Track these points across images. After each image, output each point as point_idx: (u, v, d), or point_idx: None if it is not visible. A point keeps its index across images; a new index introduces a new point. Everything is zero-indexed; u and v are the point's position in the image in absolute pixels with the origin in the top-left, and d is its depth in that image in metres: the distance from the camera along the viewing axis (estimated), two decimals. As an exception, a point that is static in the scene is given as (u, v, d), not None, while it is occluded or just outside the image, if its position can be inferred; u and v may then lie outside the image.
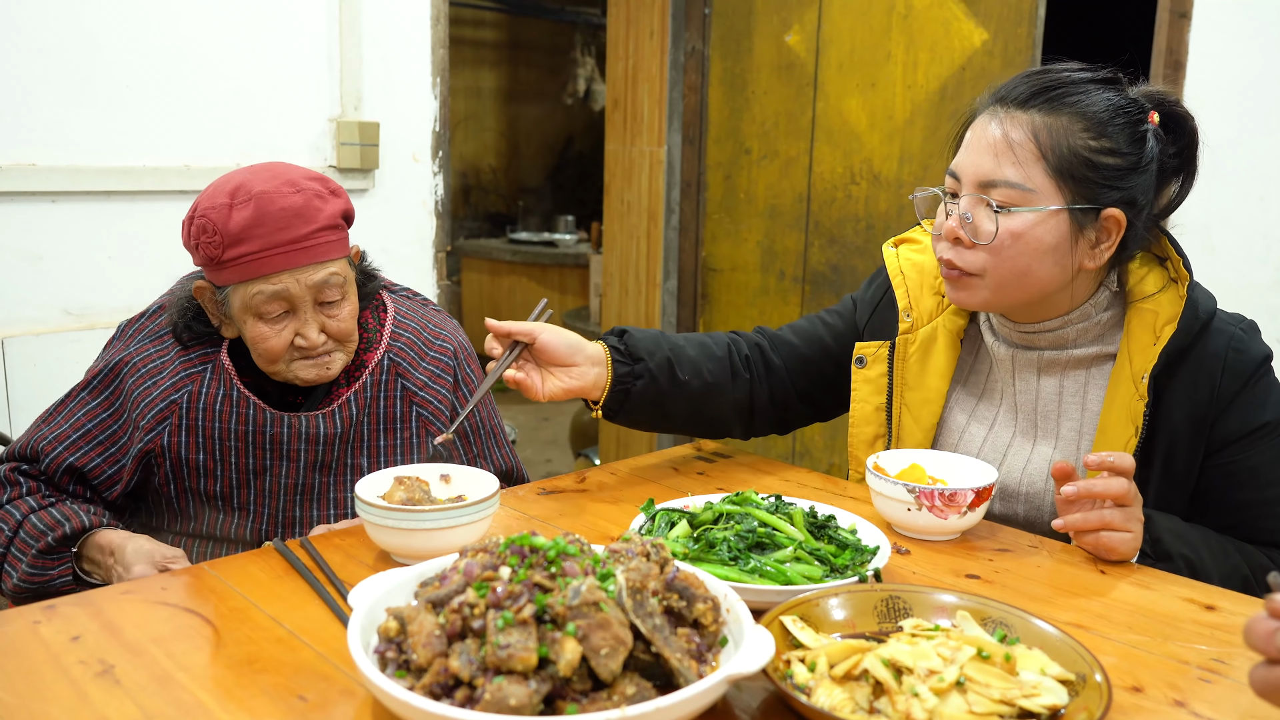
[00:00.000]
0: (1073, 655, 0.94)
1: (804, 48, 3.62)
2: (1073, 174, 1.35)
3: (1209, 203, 2.65)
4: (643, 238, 4.18)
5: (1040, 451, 1.49)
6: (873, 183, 3.49)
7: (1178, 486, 1.41)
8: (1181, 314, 1.38)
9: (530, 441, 5.91)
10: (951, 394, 1.59)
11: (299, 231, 1.48)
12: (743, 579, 1.11)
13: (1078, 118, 1.36)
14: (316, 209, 1.50)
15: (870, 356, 1.62)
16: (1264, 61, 2.53)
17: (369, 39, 3.09)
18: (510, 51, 8.37)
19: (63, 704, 0.91)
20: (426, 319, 1.75)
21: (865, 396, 1.63)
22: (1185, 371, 1.39)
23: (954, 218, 1.41)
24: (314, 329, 1.53)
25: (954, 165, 1.44)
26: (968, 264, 1.41)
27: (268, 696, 0.92)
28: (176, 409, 1.57)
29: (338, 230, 1.54)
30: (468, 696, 0.82)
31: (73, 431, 1.59)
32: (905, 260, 1.63)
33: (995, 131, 1.38)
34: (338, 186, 1.58)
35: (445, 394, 1.69)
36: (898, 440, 1.60)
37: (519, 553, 0.90)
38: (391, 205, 3.24)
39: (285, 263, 1.48)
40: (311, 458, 1.61)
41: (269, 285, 1.49)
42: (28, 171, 2.52)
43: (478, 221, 8.32)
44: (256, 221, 1.46)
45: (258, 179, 1.50)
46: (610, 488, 1.55)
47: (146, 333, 1.64)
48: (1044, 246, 1.37)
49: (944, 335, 1.58)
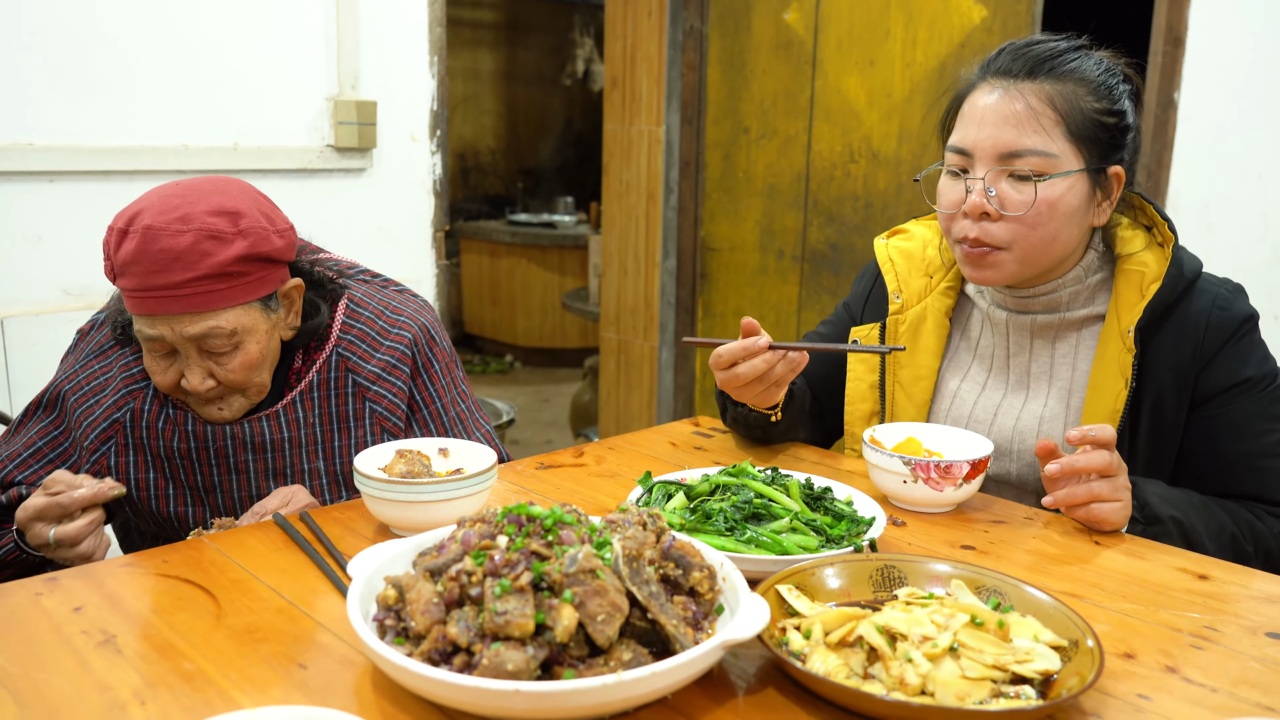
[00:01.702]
0: (1065, 622, 0.94)
1: (803, 26, 3.61)
2: (1087, 136, 1.40)
3: (1207, 181, 2.65)
4: (641, 218, 4.17)
5: (1030, 409, 1.53)
6: (871, 161, 3.49)
7: (1166, 442, 1.45)
8: (1166, 271, 1.43)
9: (530, 422, 5.93)
10: (943, 366, 1.63)
11: (175, 277, 1.34)
12: (739, 549, 1.12)
13: (1082, 83, 1.41)
14: (203, 254, 1.34)
15: (863, 338, 1.66)
16: (1263, 40, 2.52)
17: (366, 18, 3.08)
18: (509, 33, 8.34)
19: (65, 673, 0.91)
20: (386, 303, 1.64)
21: (860, 375, 1.67)
22: (1170, 326, 1.44)
23: (976, 194, 1.42)
24: (198, 376, 1.41)
25: (960, 141, 1.45)
26: (995, 238, 1.42)
27: (268, 665, 0.93)
28: (120, 428, 1.50)
29: (230, 279, 1.38)
30: (466, 663, 0.82)
31: (24, 450, 1.52)
32: (894, 249, 1.68)
33: (1014, 104, 1.40)
34: (254, 225, 1.40)
35: (400, 385, 1.59)
36: (892, 415, 1.64)
37: (516, 521, 0.91)
38: (389, 185, 3.24)
39: (157, 308, 1.36)
40: (262, 467, 1.53)
41: (146, 327, 1.39)
42: (25, 151, 2.52)
43: (477, 203, 8.31)
44: (135, 259, 1.34)
45: (158, 207, 1.36)
46: (608, 462, 1.55)
47: (91, 348, 1.57)
48: (1071, 209, 1.41)
49: (933, 314, 1.62)
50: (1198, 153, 2.66)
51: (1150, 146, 2.70)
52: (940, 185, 1.50)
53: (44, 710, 0.86)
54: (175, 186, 1.42)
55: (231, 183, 1.45)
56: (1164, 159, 2.69)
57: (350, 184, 3.15)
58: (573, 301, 5.12)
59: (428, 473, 1.30)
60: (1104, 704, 0.89)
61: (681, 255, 4.11)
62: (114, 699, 0.87)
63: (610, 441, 1.65)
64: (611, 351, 4.43)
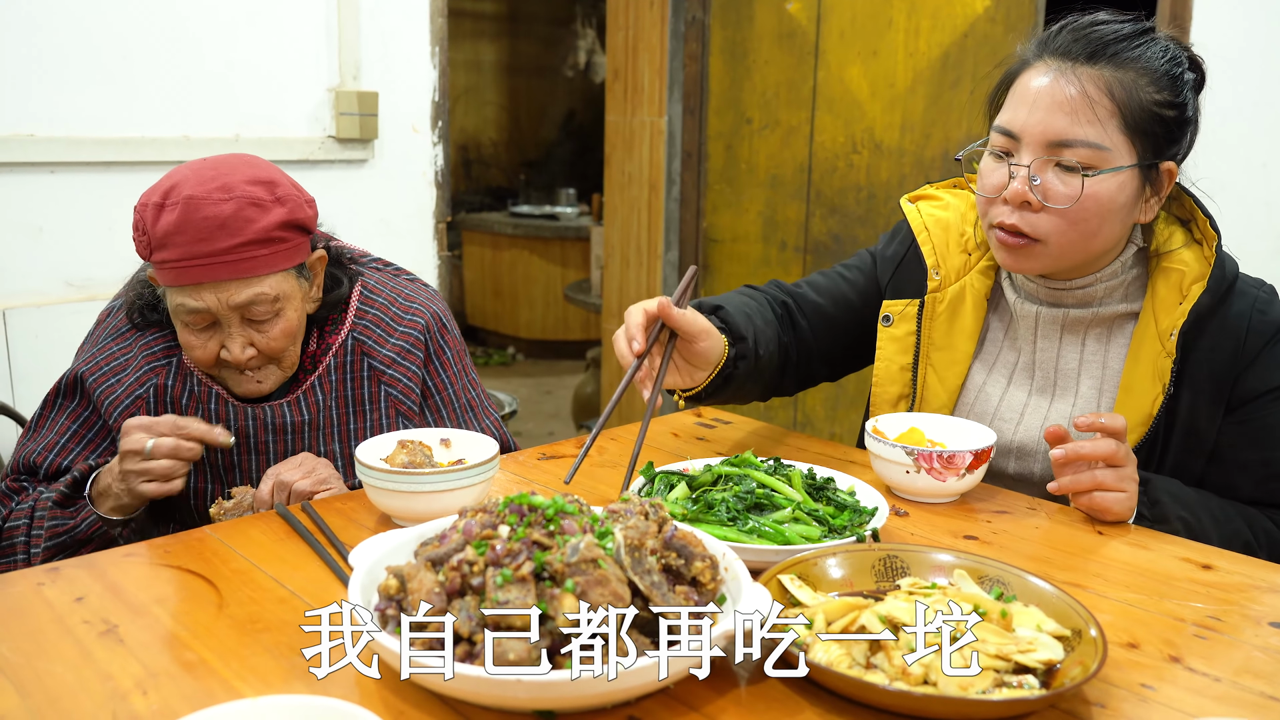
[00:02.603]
0: (1069, 612, 0.94)
1: (805, 16, 3.60)
2: (1143, 129, 1.33)
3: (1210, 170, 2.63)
4: (644, 209, 4.17)
5: (1058, 409, 1.48)
6: (874, 151, 3.48)
7: (1198, 446, 1.40)
8: (1210, 273, 1.37)
9: (532, 414, 5.93)
10: (975, 354, 1.56)
11: (221, 244, 1.37)
12: (741, 539, 1.12)
13: (1144, 72, 1.33)
14: (247, 220, 1.38)
15: (897, 315, 1.57)
16: (1267, 27, 2.51)
17: (367, 8, 3.07)
18: (510, 24, 8.32)
19: (67, 662, 0.91)
20: (398, 290, 1.67)
21: (891, 355, 1.58)
22: (1211, 330, 1.38)
23: (1019, 180, 1.34)
24: (239, 345, 1.43)
25: (1008, 123, 1.36)
26: (1034, 229, 1.35)
27: (270, 654, 0.93)
28: (143, 404, 1.52)
29: (273, 244, 1.41)
30: (467, 652, 0.82)
31: (60, 437, 1.53)
32: (929, 216, 1.57)
33: (1069, 89, 1.31)
34: (289, 193, 1.44)
35: (415, 370, 1.61)
36: (922, 401, 1.56)
37: (518, 511, 0.91)
38: (391, 176, 3.23)
39: (204, 275, 1.38)
40: (281, 448, 1.55)
41: (189, 299, 1.40)
42: (26, 143, 2.52)
43: (479, 195, 8.30)
44: (178, 229, 1.36)
45: (195, 179, 1.39)
46: (610, 453, 1.55)
47: (108, 332, 1.58)
48: (1117, 206, 1.34)
49: (971, 295, 1.54)
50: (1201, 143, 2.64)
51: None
52: (982, 166, 1.41)
53: (46, 700, 0.86)
54: (203, 162, 1.44)
55: (254, 157, 1.49)
56: (1168, 149, 2.68)
57: (352, 175, 3.15)
58: (575, 293, 5.11)
59: (429, 463, 1.30)
60: (1107, 693, 0.89)
61: (684, 246, 4.10)
62: (116, 688, 0.87)
63: (612, 432, 1.65)
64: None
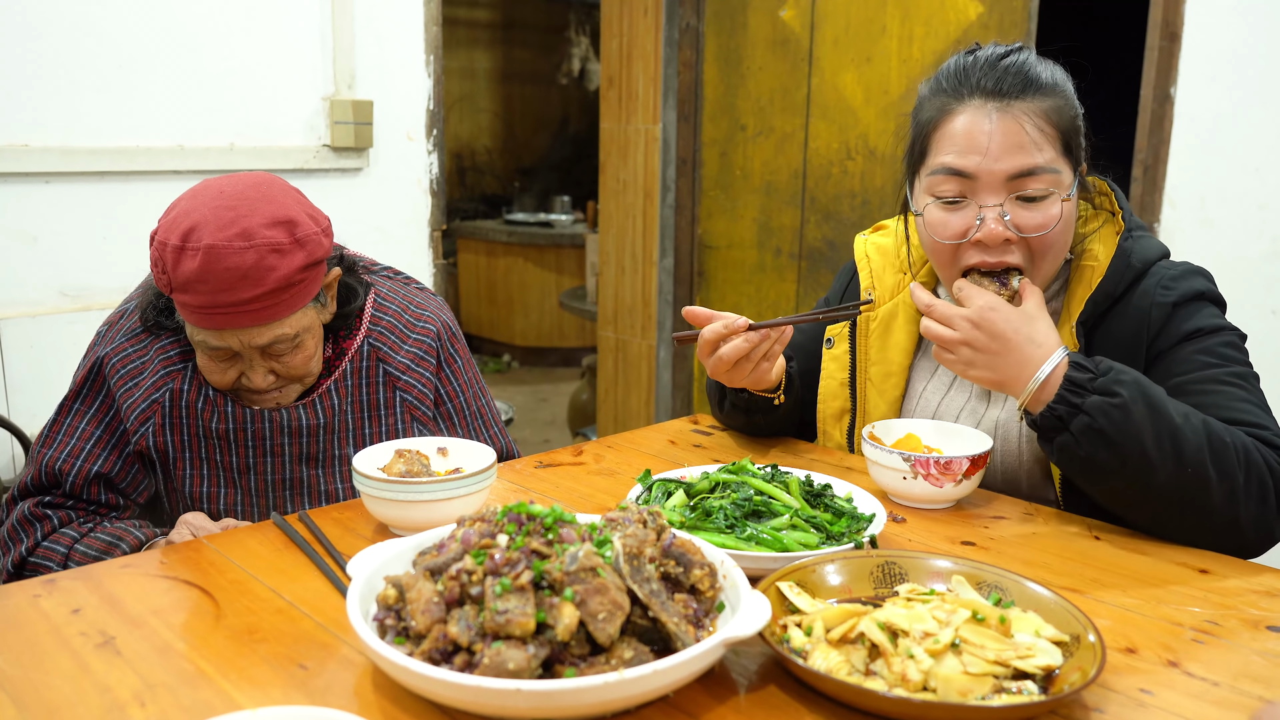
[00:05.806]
0: (1066, 617, 0.94)
1: (799, 23, 3.61)
2: (1071, 145, 1.40)
3: (1204, 175, 2.65)
4: (639, 216, 4.17)
5: (991, 415, 1.51)
6: (868, 158, 3.49)
7: None
8: (1110, 263, 1.41)
9: (529, 421, 5.92)
10: (913, 364, 1.61)
11: (243, 294, 1.37)
12: (739, 546, 1.12)
13: (1060, 94, 1.39)
14: (269, 269, 1.37)
15: (836, 336, 1.65)
16: (1259, 33, 2.52)
17: (362, 16, 3.07)
18: (504, 32, 8.34)
19: (64, 674, 0.91)
20: (409, 299, 1.70)
21: (831, 373, 1.65)
22: (1115, 314, 1.41)
23: (992, 221, 1.36)
24: (260, 374, 1.47)
25: (961, 166, 1.37)
26: (1015, 262, 1.38)
27: (268, 665, 0.93)
28: (159, 408, 1.53)
29: (293, 288, 1.42)
30: (466, 662, 0.82)
31: (84, 442, 1.53)
32: (871, 245, 1.67)
33: (1016, 123, 1.35)
34: (308, 232, 1.43)
35: (428, 376, 1.65)
36: (863, 413, 1.62)
37: (516, 520, 0.91)
38: (386, 184, 3.23)
39: (226, 323, 1.40)
40: (296, 451, 1.56)
41: (211, 338, 1.42)
42: (21, 152, 2.52)
43: (474, 203, 8.30)
44: (201, 277, 1.35)
45: (214, 223, 1.36)
46: (607, 461, 1.55)
47: (123, 333, 1.58)
48: (1073, 218, 1.41)
49: (904, 311, 1.60)
50: (1195, 147, 2.66)
51: (1147, 141, 2.70)
52: (934, 217, 1.41)
53: (43, 712, 0.85)
54: (219, 195, 1.40)
55: (271, 183, 1.46)
56: (1161, 154, 2.69)
57: (347, 183, 3.15)
58: (570, 300, 5.12)
59: (426, 472, 1.30)
60: (1106, 699, 0.89)
61: (679, 253, 4.11)
62: (114, 700, 0.87)
63: (609, 440, 1.65)
64: (609, 350, 4.43)
